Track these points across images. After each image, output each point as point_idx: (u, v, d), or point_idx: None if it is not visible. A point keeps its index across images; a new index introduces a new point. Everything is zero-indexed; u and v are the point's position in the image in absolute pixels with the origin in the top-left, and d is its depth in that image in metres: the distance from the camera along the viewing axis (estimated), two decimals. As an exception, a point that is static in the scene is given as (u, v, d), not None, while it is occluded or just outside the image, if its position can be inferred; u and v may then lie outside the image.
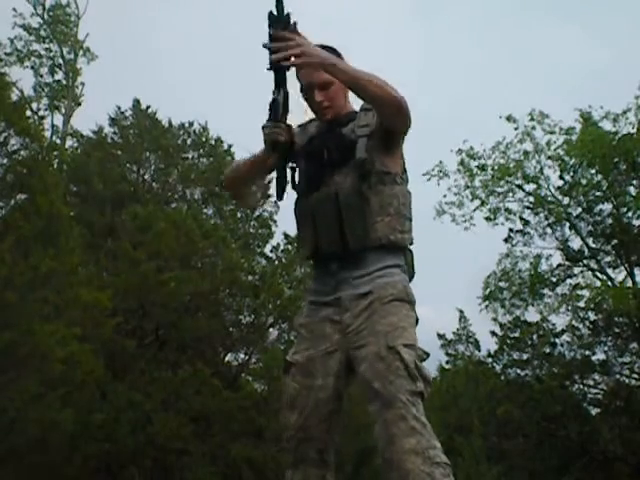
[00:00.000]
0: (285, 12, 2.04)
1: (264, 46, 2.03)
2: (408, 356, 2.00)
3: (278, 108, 2.14)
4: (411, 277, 2.25)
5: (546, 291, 18.06)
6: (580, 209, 17.66)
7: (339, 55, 2.24)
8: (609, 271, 17.55)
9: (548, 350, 17.81)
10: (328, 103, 2.23)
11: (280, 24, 2.02)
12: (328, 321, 2.16)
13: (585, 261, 17.94)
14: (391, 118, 2.12)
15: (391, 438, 1.93)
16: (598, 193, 17.30)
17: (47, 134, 17.40)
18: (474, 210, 18.08)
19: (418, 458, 1.88)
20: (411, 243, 2.24)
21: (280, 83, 2.13)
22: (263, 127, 2.17)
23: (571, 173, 17.52)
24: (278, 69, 2.10)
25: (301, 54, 2.00)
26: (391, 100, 2.06)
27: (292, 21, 2.05)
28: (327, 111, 2.25)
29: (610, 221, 17.26)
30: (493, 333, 18.81)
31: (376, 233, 2.13)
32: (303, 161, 2.26)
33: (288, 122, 2.20)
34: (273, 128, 2.15)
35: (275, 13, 2.04)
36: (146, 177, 15.59)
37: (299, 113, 2.34)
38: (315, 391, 2.12)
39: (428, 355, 2.07)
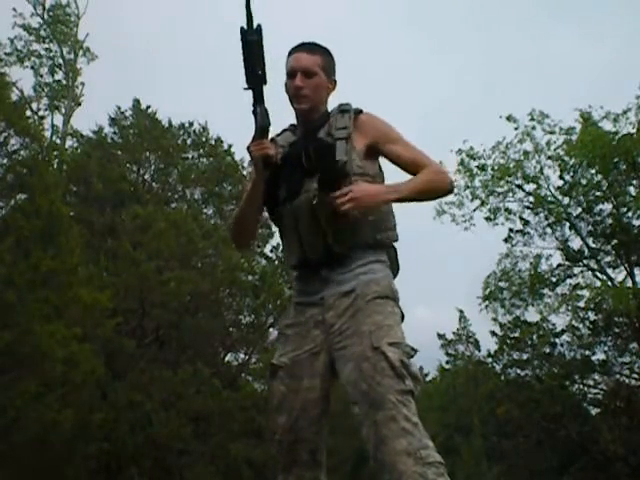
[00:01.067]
0: (255, 25, 2.06)
1: None
2: (393, 354, 1.97)
3: (262, 124, 2.12)
4: (395, 273, 2.23)
5: (546, 291, 18.07)
6: (580, 209, 17.67)
7: (329, 54, 2.25)
8: (609, 271, 17.57)
9: (548, 350, 17.82)
10: (307, 92, 2.17)
11: (253, 36, 2.05)
12: (313, 321, 2.13)
13: (585, 261, 17.94)
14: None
15: (382, 440, 1.91)
16: (598, 193, 17.30)
17: (47, 134, 17.41)
18: (474, 210, 18.10)
19: (410, 459, 1.87)
20: (396, 240, 2.22)
21: (258, 100, 2.11)
22: (248, 147, 2.14)
23: (571, 173, 17.51)
24: (255, 86, 2.10)
25: (354, 201, 2.01)
26: (450, 189, 2.21)
27: (256, 24, 2.06)
28: (304, 100, 2.19)
29: (610, 221, 17.26)
30: (493, 333, 18.83)
31: (361, 234, 2.12)
32: (283, 169, 2.19)
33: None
34: (260, 145, 2.12)
35: (246, 27, 2.06)
36: (146, 177, 15.58)
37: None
38: (303, 393, 2.10)
39: (416, 351, 2.05)
